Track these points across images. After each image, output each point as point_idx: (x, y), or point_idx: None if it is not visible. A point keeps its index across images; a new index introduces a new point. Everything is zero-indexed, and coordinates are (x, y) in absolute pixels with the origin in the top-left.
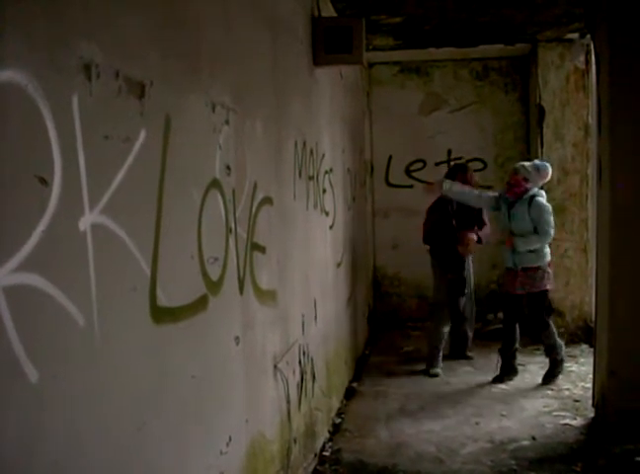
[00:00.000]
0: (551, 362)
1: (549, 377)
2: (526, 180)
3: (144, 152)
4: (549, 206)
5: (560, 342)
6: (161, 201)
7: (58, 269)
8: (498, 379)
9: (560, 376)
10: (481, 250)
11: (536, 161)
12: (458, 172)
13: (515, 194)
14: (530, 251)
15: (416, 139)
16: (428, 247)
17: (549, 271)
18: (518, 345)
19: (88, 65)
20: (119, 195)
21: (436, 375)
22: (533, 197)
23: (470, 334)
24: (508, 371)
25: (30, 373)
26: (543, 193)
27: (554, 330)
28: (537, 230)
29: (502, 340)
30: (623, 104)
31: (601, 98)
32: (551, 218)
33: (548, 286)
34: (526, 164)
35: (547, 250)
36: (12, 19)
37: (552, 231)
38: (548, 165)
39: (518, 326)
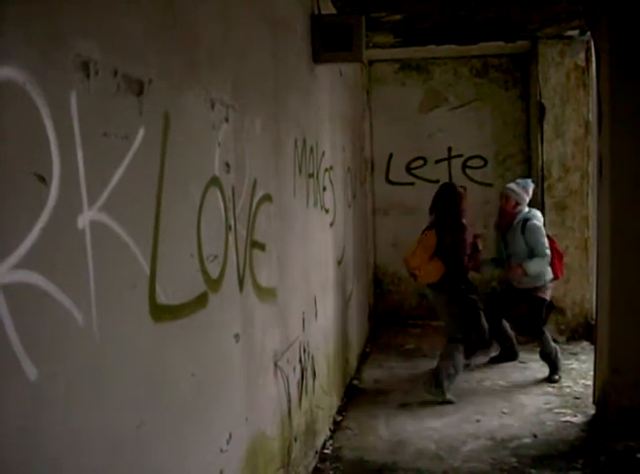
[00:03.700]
0: (549, 363)
1: (553, 374)
2: (518, 204)
3: (143, 150)
4: (542, 228)
5: (553, 345)
6: (160, 199)
7: (57, 266)
8: (495, 359)
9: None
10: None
11: (519, 180)
12: (457, 194)
13: (507, 222)
14: (525, 274)
15: (416, 137)
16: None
17: (550, 286)
18: (511, 331)
19: (86, 63)
20: (117, 192)
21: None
22: (526, 220)
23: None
24: (507, 355)
25: (29, 371)
26: (535, 212)
27: (548, 336)
28: (535, 253)
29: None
30: (623, 101)
31: (602, 95)
32: (545, 240)
33: (546, 296)
34: (514, 187)
35: (548, 268)
36: (10, 16)
37: (548, 252)
38: (525, 180)
39: (503, 320)
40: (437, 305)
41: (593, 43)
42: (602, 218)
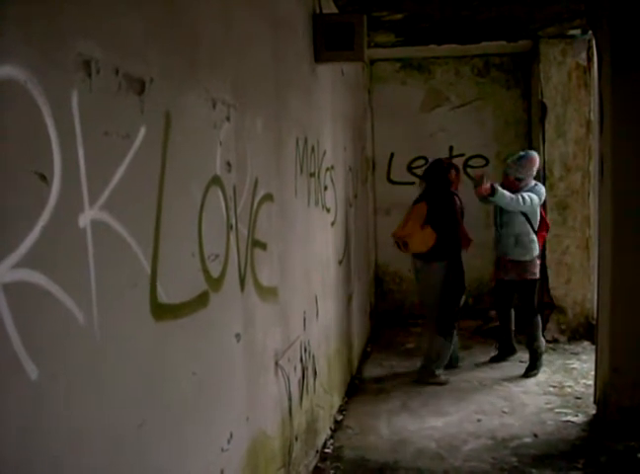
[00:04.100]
0: (531, 355)
1: (531, 370)
2: (519, 180)
3: (144, 149)
4: (539, 198)
5: (542, 338)
6: (161, 198)
7: (58, 265)
8: (495, 359)
9: (541, 369)
10: (483, 245)
11: (521, 153)
12: (452, 168)
13: (510, 192)
14: (516, 245)
15: (417, 136)
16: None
17: (537, 262)
18: (513, 326)
19: (87, 61)
20: (119, 191)
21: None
22: (528, 191)
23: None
24: (505, 351)
25: (29, 370)
26: (539, 187)
27: (540, 322)
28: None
29: (498, 323)
30: (625, 100)
31: (603, 94)
32: (534, 200)
33: (537, 276)
34: (511, 162)
35: (535, 245)
36: (10, 15)
37: (524, 205)
38: (531, 152)
39: (512, 310)
40: (425, 276)
41: (594, 43)
42: (604, 218)
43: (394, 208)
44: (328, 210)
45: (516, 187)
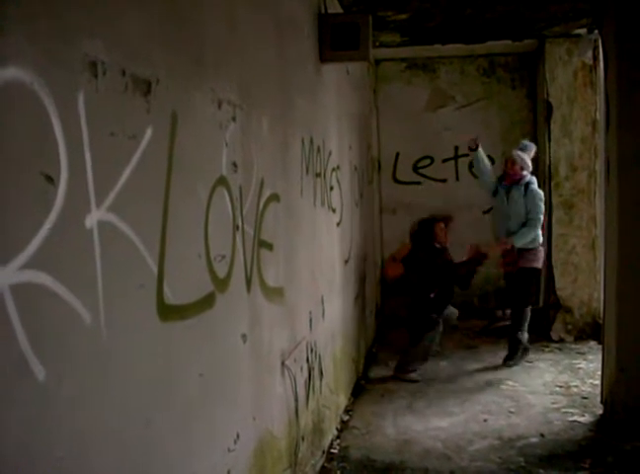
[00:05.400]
0: (511, 343)
1: (509, 359)
2: (522, 168)
3: (151, 149)
4: (542, 194)
5: (526, 332)
6: (168, 199)
7: (65, 266)
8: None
9: (520, 363)
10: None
11: (523, 145)
12: (436, 224)
13: (511, 180)
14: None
15: (423, 136)
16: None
17: (541, 249)
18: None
19: (94, 62)
20: (125, 192)
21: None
22: (528, 184)
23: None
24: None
25: (37, 371)
26: (534, 179)
27: (528, 314)
28: (529, 216)
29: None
30: (631, 99)
31: (609, 94)
32: (542, 204)
33: (539, 265)
34: (521, 153)
35: (539, 232)
36: (15, 16)
37: (542, 217)
38: (529, 144)
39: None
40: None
41: (600, 42)
42: (610, 217)
43: (400, 208)
44: (334, 210)
45: (519, 177)
